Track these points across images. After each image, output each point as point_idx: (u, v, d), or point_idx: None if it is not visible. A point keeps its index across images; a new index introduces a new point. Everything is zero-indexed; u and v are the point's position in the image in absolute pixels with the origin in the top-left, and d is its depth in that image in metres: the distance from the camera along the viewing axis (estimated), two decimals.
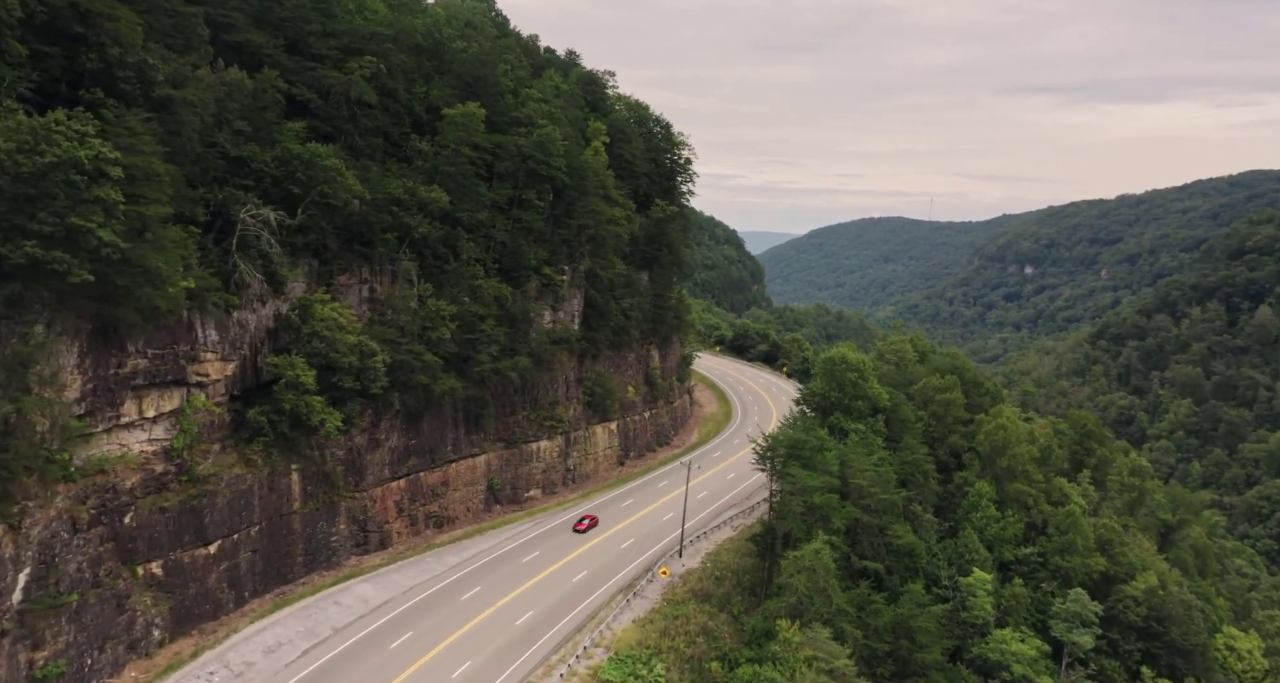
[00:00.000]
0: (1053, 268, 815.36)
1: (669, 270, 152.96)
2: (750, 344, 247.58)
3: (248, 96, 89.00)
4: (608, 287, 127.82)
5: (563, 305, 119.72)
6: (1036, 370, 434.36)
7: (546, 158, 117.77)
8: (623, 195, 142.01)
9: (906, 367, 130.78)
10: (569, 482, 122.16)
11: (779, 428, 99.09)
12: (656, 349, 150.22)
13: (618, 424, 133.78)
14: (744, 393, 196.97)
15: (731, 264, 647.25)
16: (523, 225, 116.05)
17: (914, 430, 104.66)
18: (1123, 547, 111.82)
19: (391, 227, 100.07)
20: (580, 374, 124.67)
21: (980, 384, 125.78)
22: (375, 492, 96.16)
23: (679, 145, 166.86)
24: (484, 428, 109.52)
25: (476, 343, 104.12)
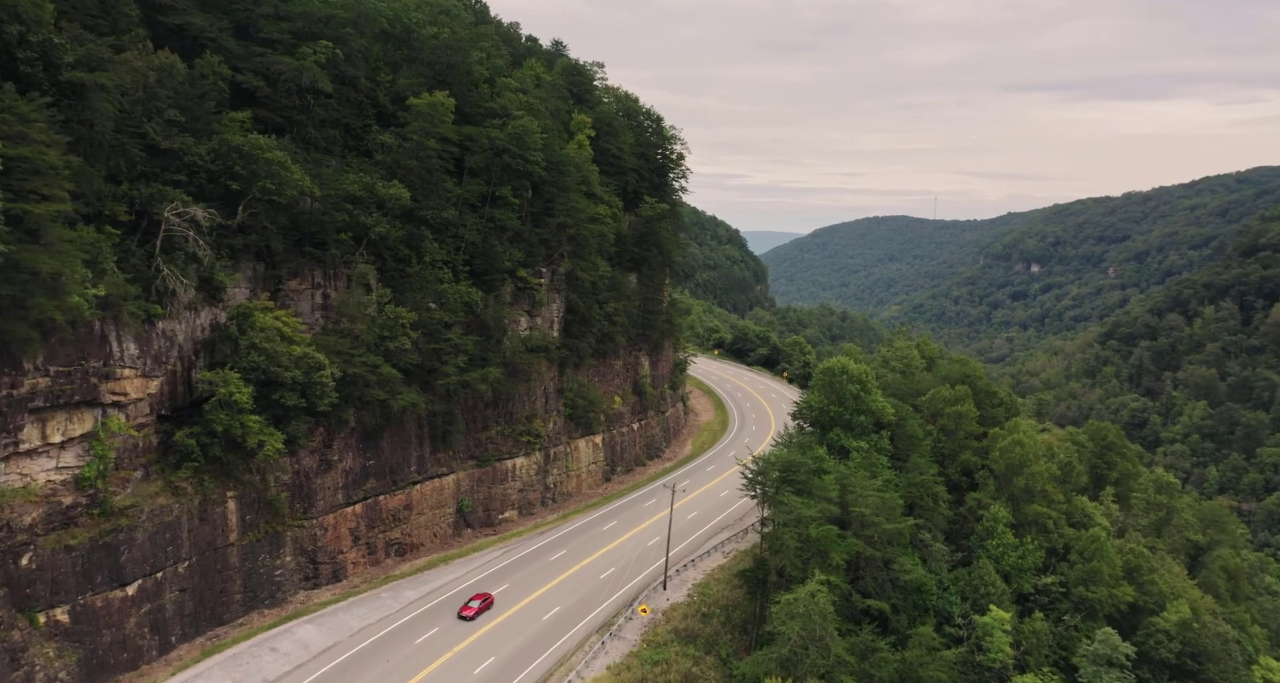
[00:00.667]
0: (1059, 266, 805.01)
1: (660, 272, 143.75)
2: (750, 348, 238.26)
3: (182, 83, 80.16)
4: (590, 290, 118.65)
5: (540, 311, 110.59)
6: (1045, 371, 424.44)
7: (522, 151, 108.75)
8: (609, 193, 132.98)
9: (913, 375, 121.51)
10: (548, 501, 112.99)
11: (772, 446, 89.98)
12: (647, 356, 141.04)
13: (603, 438, 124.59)
14: (742, 400, 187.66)
15: (734, 264, 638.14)
16: (496, 225, 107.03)
17: (922, 448, 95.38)
18: (1152, 574, 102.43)
19: (347, 226, 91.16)
20: (560, 385, 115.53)
21: (993, 394, 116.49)
22: (327, 519, 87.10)
23: (670, 139, 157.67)
24: (452, 445, 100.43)
25: (442, 353, 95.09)
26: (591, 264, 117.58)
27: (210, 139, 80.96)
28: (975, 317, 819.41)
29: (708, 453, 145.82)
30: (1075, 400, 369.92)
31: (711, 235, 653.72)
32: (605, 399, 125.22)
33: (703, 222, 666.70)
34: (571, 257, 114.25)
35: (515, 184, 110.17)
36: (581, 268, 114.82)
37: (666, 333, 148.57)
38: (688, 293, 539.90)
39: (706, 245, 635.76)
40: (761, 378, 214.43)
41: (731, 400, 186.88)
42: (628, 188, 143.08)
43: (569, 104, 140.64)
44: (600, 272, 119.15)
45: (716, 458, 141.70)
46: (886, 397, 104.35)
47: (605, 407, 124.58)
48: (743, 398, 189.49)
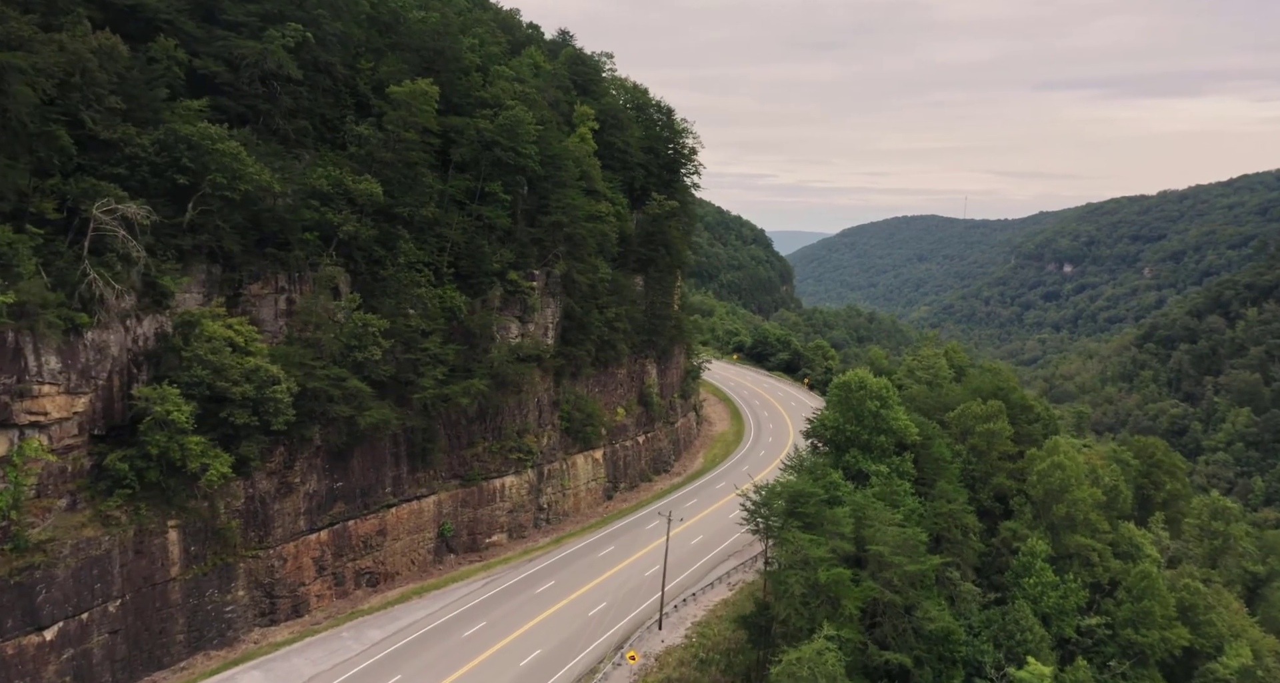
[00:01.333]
0: (1093, 266, 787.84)
1: (669, 273, 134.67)
2: (770, 352, 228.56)
3: (127, 67, 72.35)
4: (589, 293, 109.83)
5: (533, 316, 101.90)
6: (1080, 375, 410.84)
7: (514, 144, 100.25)
8: (612, 189, 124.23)
9: (941, 387, 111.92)
10: (541, 523, 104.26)
11: (781, 467, 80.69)
12: (654, 363, 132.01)
13: (604, 452, 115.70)
14: (759, 408, 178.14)
15: (759, 264, 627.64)
16: (484, 223, 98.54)
17: (950, 472, 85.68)
18: (1209, 612, 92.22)
19: (314, 225, 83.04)
20: (556, 397, 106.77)
21: (1029, 408, 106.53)
22: (286, 548, 78.80)
23: (682, 133, 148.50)
24: (433, 464, 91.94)
25: (418, 364, 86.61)
26: (590, 266, 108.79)
27: (157, 129, 73.14)
28: (1006, 318, 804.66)
29: (719, 467, 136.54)
30: (1112, 406, 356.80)
31: (736, 235, 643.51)
32: (606, 411, 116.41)
33: (727, 221, 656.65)
34: (567, 258, 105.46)
35: (507, 179, 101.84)
36: (579, 270, 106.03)
37: (676, 339, 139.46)
38: (711, 294, 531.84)
39: (731, 245, 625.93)
40: (781, 384, 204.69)
41: (748, 409, 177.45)
42: (634, 184, 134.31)
43: (571, 95, 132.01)
44: (600, 274, 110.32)
45: (728, 473, 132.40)
46: (911, 412, 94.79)
47: (606, 419, 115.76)
48: (760, 406, 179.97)
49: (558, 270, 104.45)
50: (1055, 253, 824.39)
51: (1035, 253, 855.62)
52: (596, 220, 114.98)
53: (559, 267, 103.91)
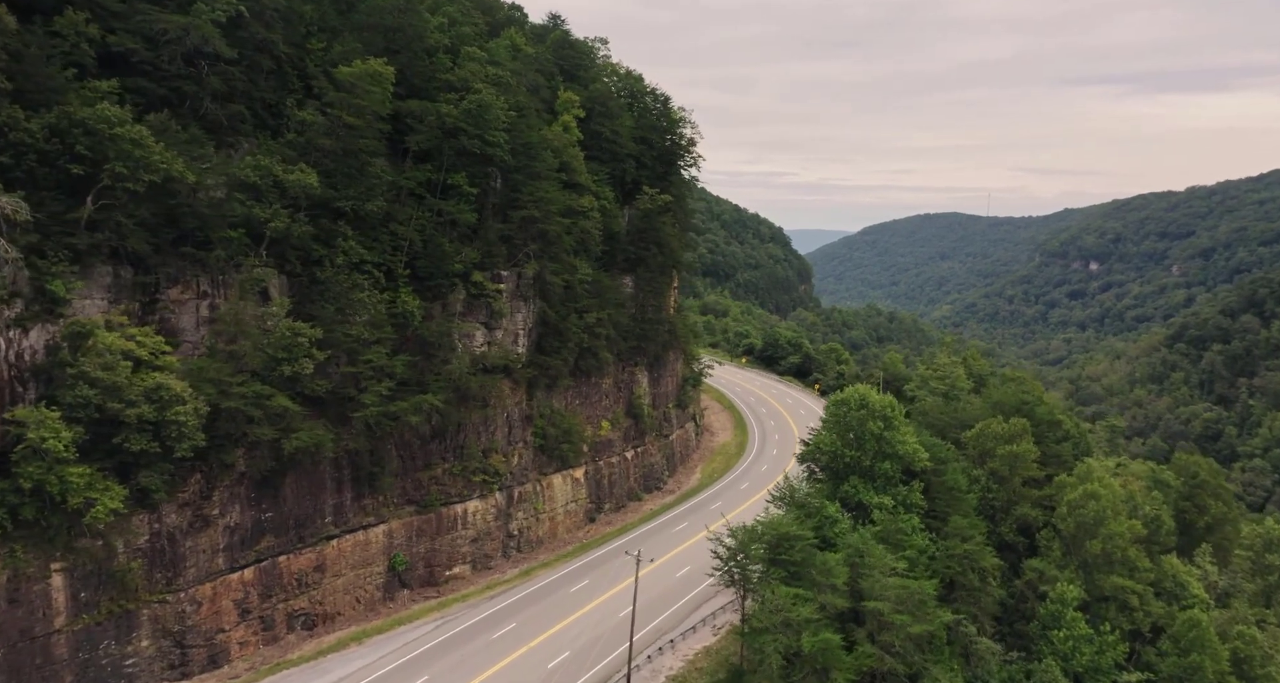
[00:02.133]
0: (1119, 264, 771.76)
1: (662, 273, 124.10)
2: (781, 355, 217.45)
3: (12, 42, 63.07)
4: (567, 296, 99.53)
5: (500, 322, 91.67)
6: (1107, 377, 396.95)
7: (480, 131, 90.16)
8: (598, 182, 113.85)
9: (958, 401, 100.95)
10: (510, 552, 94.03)
11: (768, 500, 70.12)
12: (645, 371, 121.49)
13: (585, 471, 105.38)
14: (766, 417, 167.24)
15: (777, 263, 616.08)
16: (446, 219, 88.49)
17: (966, 503, 74.62)
18: (1267, 665, 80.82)
19: (243, 221, 73.29)
20: (529, 411, 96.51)
21: (1057, 425, 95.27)
22: (201, 590, 68.94)
23: (678, 122, 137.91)
24: (382, 489, 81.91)
25: (360, 378, 76.56)
26: (567, 265, 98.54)
27: (51, 112, 63.62)
28: (1031, 317, 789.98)
29: (717, 484, 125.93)
30: (1141, 409, 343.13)
31: (753, 234, 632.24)
32: (588, 425, 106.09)
33: (744, 219, 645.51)
34: (540, 257, 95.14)
35: (473, 171, 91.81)
36: (553, 270, 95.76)
37: (671, 344, 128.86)
38: (727, 293, 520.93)
39: (749, 244, 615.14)
40: (791, 390, 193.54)
41: (753, 417, 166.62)
42: (625, 177, 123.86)
43: (556, 82, 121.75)
44: (579, 274, 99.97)
45: (727, 490, 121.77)
46: (922, 432, 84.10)
47: (588, 434, 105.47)
48: (767, 415, 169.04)
49: (530, 271, 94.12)
50: (1081, 250, 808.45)
51: (1060, 250, 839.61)
52: (579, 215, 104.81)
53: (530, 267, 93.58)
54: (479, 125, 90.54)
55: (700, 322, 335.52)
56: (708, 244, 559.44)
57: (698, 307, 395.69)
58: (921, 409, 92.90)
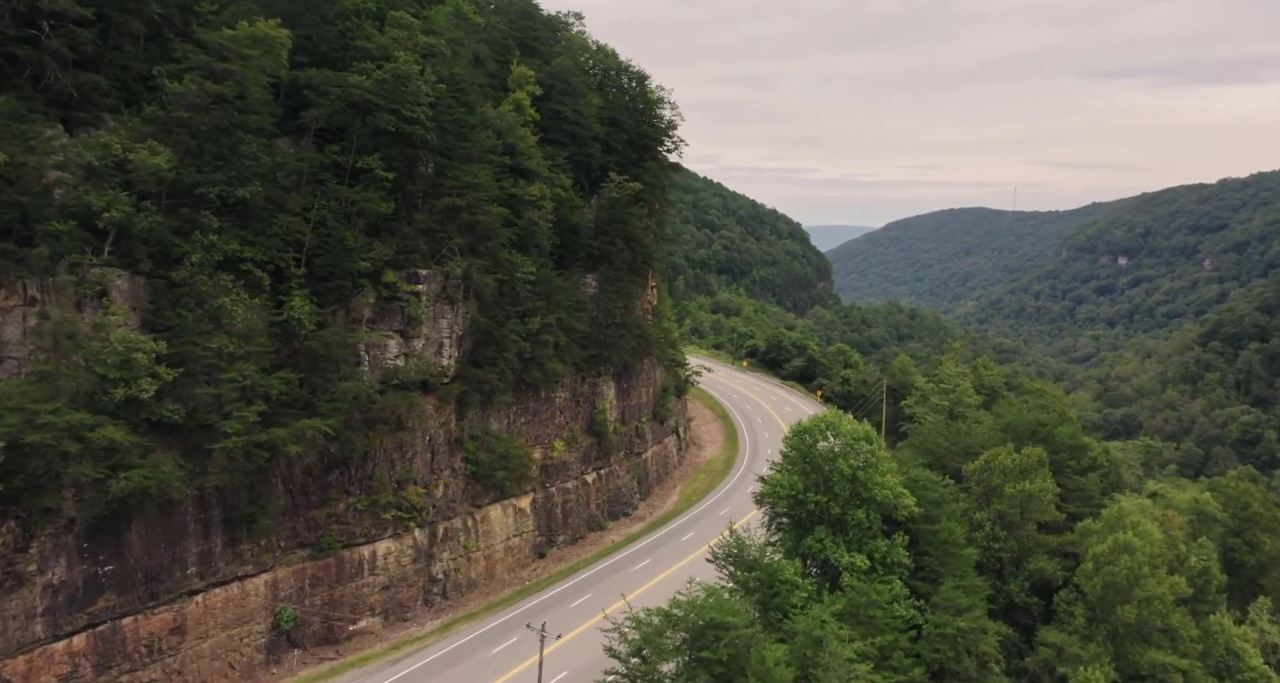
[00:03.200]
0: (1149, 258, 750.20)
1: (632, 272, 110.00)
2: (785, 358, 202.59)
3: None
4: (506, 298, 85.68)
5: (419, 330, 77.89)
6: (1138, 377, 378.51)
7: (395, 105, 76.58)
8: (554, 168, 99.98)
9: (963, 420, 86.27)
10: (435, 598, 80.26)
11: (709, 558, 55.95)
12: (611, 382, 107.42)
13: (533, 500, 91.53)
14: (760, 427, 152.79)
15: (794, 260, 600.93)
16: (353, 209, 74.92)
17: (963, 562, 59.79)
18: None
19: (83, 211, 60.20)
20: (458, 433, 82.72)
21: (1082, 450, 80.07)
22: (13, 664, 55.57)
23: (656, 102, 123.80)
24: (263, 532, 68.33)
25: (223, 402, 62.99)
26: (503, 262, 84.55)
27: None
28: (1057, 313, 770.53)
29: (696, 507, 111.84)
30: (1174, 412, 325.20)
31: (770, 229, 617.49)
32: (536, 447, 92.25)
33: (761, 215, 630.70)
34: (469, 253, 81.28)
35: (391, 152, 78.27)
36: (484, 267, 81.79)
37: (644, 351, 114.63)
38: (743, 291, 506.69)
39: (765, 240, 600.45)
40: (791, 396, 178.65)
41: (747, 428, 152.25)
42: (591, 164, 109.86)
43: (512, 55, 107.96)
44: (521, 272, 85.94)
45: (705, 516, 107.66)
46: (918, 459, 69.67)
47: (536, 457, 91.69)
48: (762, 425, 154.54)
49: (457, 269, 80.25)
50: (1109, 245, 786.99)
51: (1088, 245, 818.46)
52: (528, 205, 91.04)
53: (456, 264, 79.68)
54: (394, 99, 76.97)
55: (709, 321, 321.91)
56: (723, 241, 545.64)
57: (709, 305, 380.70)
58: (919, 434, 78.40)
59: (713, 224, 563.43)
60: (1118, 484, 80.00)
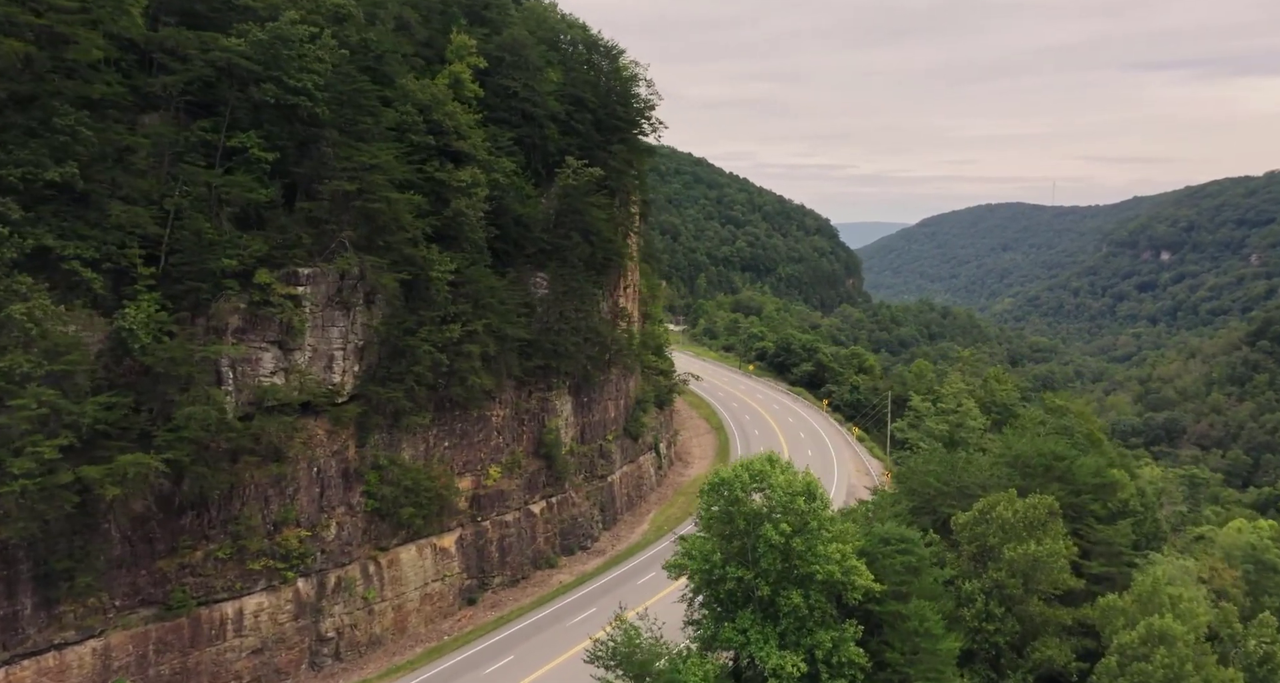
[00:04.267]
0: (1193, 253, 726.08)
1: (595, 270, 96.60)
2: (794, 361, 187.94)
3: None
4: (416, 302, 72.60)
5: (301, 341, 64.96)
6: (1181, 378, 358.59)
7: (273, 71, 63.98)
8: (495, 151, 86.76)
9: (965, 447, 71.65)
10: (325, 661, 67.29)
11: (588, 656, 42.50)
12: (567, 396, 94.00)
13: (460, 537, 78.36)
14: (757, 440, 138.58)
15: (822, 256, 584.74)
16: (218, 195, 62.25)
17: (940, 659, 45.12)
18: None
19: None
20: (356, 463, 69.67)
21: (1110, 488, 64.90)
22: None
23: (629, 80, 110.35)
24: (91, 589, 55.68)
25: (10, 435, 50.35)
26: (418, 260, 71.40)
27: None
28: (1097, 310, 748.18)
29: (668, 538, 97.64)
30: (1220, 416, 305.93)
31: (797, 225, 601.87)
32: (465, 475, 79.06)
33: (788, 211, 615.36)
34: (367, 248, 68.21)
35: (275, 129, 65.71)
36: (381, 265, 68.64)
37: (610, 359, 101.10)
38: (768, 289, 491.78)
39: (792, 236, 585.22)
40: (797, 405, 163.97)
41: (742, 442, 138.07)
42: (548, 147, 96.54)
43: (457, 22, 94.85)
44: (436, 270, 72.70)
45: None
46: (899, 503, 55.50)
47: (464, 487, 78.53)
48: (759, 438, 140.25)
49: (349, 266, 67.26)
50: (1151, 240, 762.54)
51: (1129, 240, 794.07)
52: (459, 193, 78.06)
53: (344, 261, 66.65)
54: (276, 66, 64.26)
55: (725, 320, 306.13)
56: (748, 237, 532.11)
57: (729, 303, 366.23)
58: (901, 476, 63.94)
59: (737, 220, 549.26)
60: (1155, 535, 64.74)
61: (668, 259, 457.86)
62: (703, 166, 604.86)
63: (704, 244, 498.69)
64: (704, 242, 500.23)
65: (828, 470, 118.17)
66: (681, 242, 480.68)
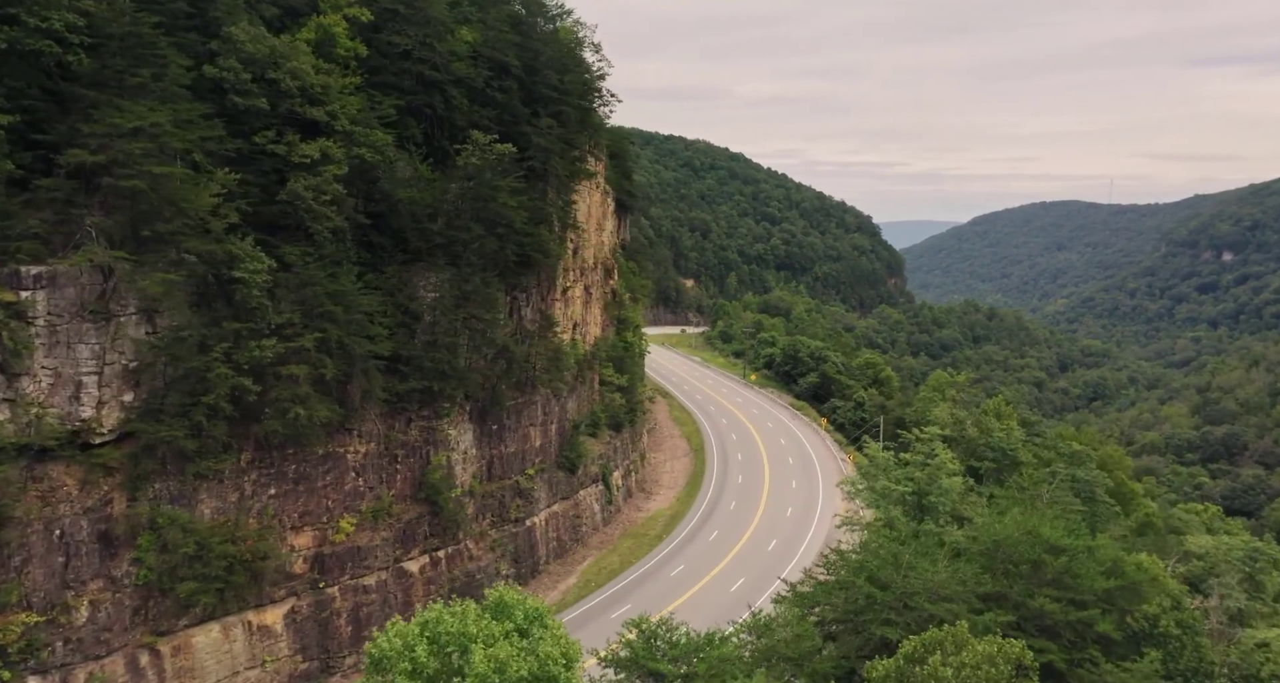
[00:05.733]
0: (1257, 254, 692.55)
1: (508, 271, 79.25)
2: (801, 371, 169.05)
3: None
4: (224, 310, 55.84)
5: (27, 364, 48.46)
6: (1242, 388, 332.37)
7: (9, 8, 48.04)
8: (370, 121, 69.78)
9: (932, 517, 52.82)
10: None
11: None
12: (469, 425, 76.75)
13: (291, 609, 61.45)
14: (736, 467, 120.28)
15: (861, 255, 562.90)
16: None
17: None
18: None
19: None
20: (124, 522, 52.98)
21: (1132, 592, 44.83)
22: None
23: (572, 44, 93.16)
24: None
25: None
26: (210, 256, 54.60)
27: None
28: (1154, 312, 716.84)
29: (595, 596, 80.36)
30: None
31: (837, 223, 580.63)
32: (301, 528, 62.16)
33: (827, 207, 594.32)
34: (133, 239, 51.55)
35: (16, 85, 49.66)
36: (145, 261, 51.89)
37: (533, 380, 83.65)
38: (803, 288, 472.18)
39: (830, 234, 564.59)
40: (794, 423, 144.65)
41: (720, 467, 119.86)
42: (455, 121, 79.52)
43: None
44: (243, 269, 55.73)
45: (598, 613, 76.24)
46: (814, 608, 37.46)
47: (299, 544, 61.66)
48: (741, 463, 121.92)
49: (91, 260, 50.55)
50: (1213, 239, 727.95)
51: (1189, 239, 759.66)
52: (301, 170, 61.47)
53: (83, 256, 49.94)
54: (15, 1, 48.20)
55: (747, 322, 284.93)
56: (783, 235, 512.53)
57: (756, 304, 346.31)
58: (835, 560, 44.99)
59: (773, 217, 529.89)
60: (1198, 671, 44.94)
61: (696, 257, 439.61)
62: (739, 162, 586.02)
63: (736, 242, 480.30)
64: (736, 239, 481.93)
65: (809, 508, 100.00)
66: (712, 239, 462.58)
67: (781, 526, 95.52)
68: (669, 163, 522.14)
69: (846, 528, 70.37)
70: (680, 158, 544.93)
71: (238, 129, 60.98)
